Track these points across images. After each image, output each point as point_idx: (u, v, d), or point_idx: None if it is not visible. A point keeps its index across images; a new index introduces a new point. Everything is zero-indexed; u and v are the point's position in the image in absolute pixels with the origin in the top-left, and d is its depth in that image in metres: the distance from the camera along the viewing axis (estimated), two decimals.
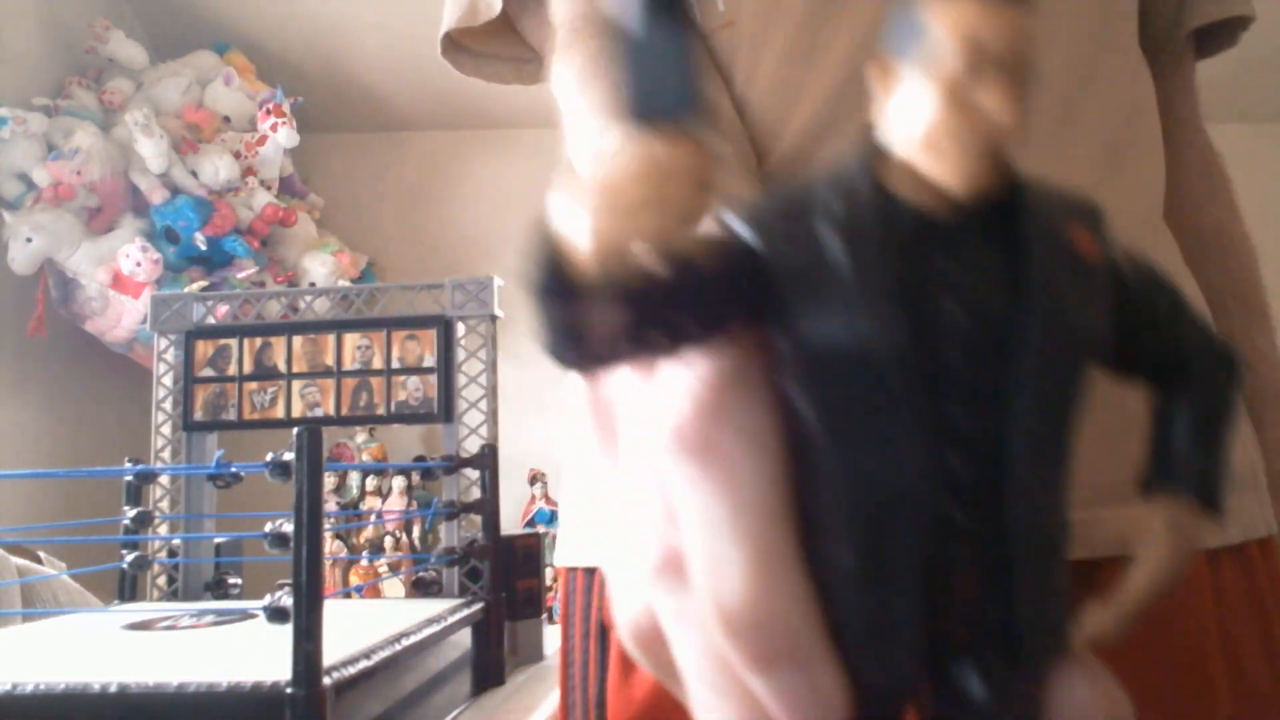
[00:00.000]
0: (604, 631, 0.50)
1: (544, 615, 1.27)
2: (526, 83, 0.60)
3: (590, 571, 0.52)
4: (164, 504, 1.27)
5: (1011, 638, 0.17)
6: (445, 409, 1.23)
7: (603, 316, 0.16)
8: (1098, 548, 0.37)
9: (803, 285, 0.17)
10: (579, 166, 0.45)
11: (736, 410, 0.17)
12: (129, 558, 1.11)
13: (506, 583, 1.20)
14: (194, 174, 2.62)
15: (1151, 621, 0.41)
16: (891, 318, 0.16)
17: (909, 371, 0.16)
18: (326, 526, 1.10)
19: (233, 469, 0.97)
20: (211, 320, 1.34)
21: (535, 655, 1.23)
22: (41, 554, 1.81)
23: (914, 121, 0.16)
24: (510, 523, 2.50)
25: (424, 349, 1.26)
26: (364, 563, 2.62)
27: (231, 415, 1.30)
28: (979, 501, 0.17)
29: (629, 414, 0.19)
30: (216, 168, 2.61)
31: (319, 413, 1.28)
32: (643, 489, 0.18)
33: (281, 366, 1.29)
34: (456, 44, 0.59)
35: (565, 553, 0.55)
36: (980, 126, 0.16)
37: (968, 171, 0.16)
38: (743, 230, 0.17)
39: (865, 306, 0.16)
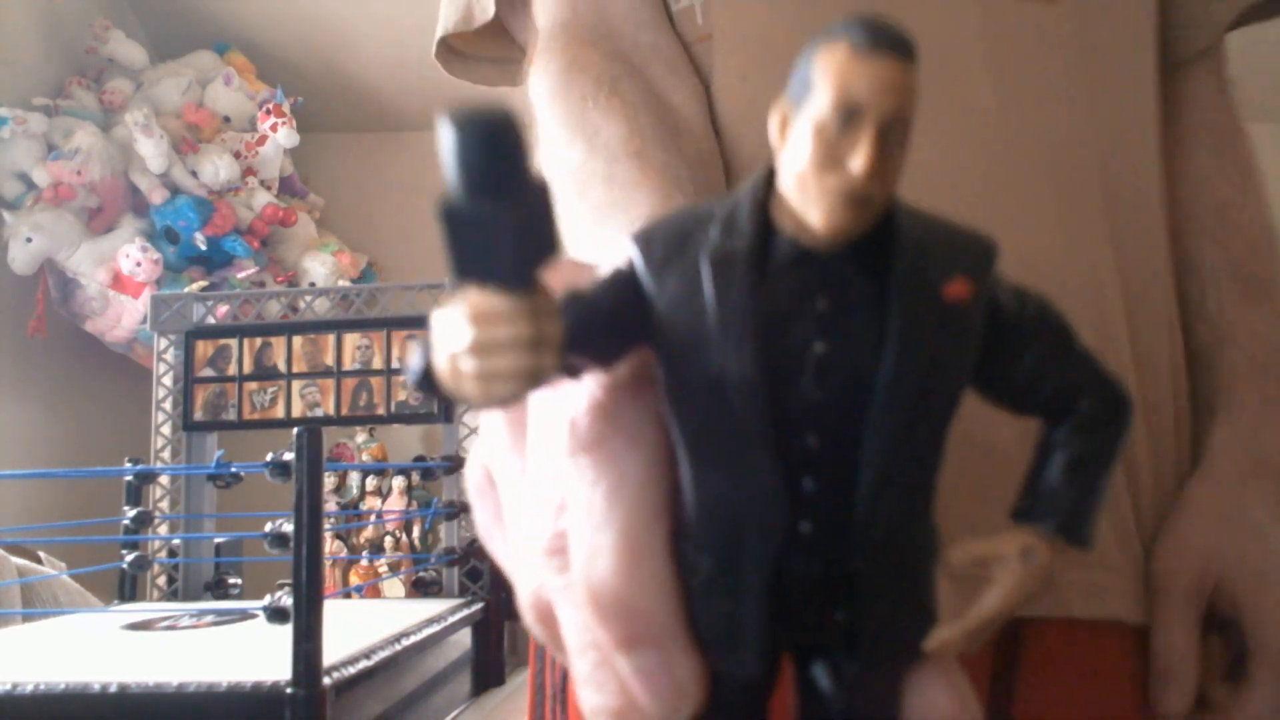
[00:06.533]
0: None
1: None
2: (511, 84, 0.61)
3: None
4: (164, 504, 1.27)
5: (856, 642, 0.19)
6: (445, 409, 1.23)
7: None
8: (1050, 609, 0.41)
9: (676, 311, 0.18)
10: (547, 174, 0.46)
11: (627, 415, 0.19)
12: (129, 558, 1.11)
13: (506, 583, 1.20)
14: (194, 174, 2.62)
15: (1079, 677, 0.43)
16: (745, 353, 0.18)
17: (760, 405, 0.18)
18: (326, 526, 1.10)
19: (233, 469, 0.97)
20: (211, 320, 1.34)
21: None
22: (41, 554, 1.81)
23: (793, 164, 0.17)
24: None
25: None
26: (364, 563, 2.62)
27: (231, 415, 1.30)
28: (829, 521, 0.19)
29: (534, 415, 0.21)
30: (216, 168, 2.61)
31: (319, 413, 1.28)
32: (542, 481, 0.21)
33: (281, 366, 1.29)
34: (449, 47, 0.60)
35: None
36: (839, 174, 0.17)
37: (830, 216, 0.17)
38: (635, 253, 0.19)
39: (722, 340, 0.18)
